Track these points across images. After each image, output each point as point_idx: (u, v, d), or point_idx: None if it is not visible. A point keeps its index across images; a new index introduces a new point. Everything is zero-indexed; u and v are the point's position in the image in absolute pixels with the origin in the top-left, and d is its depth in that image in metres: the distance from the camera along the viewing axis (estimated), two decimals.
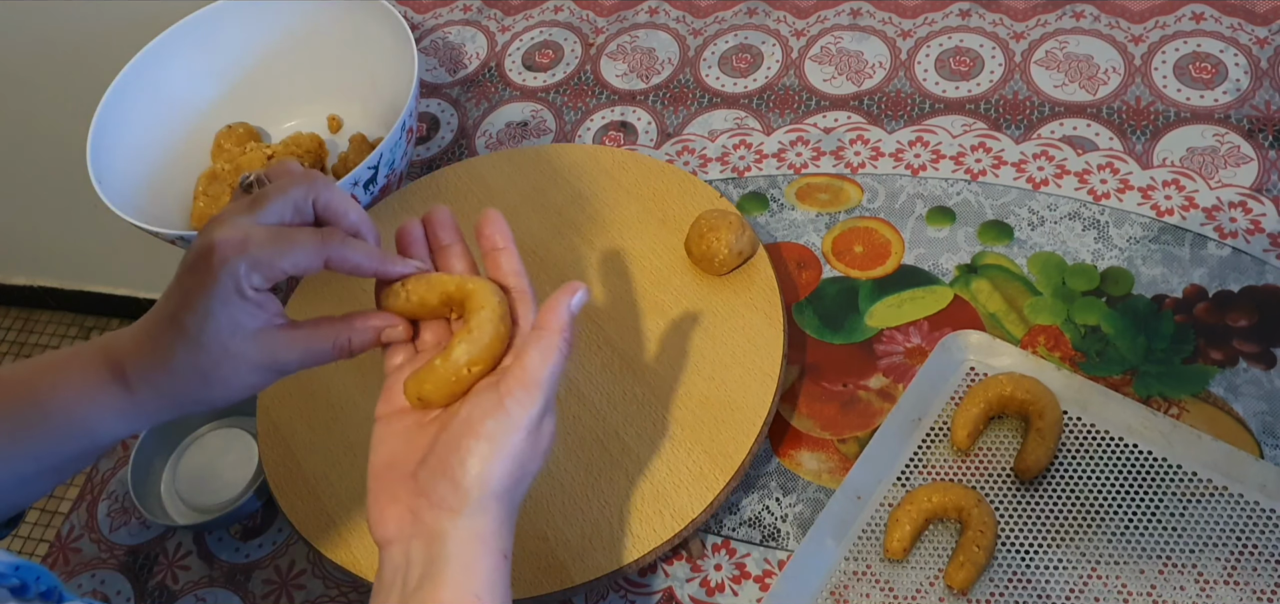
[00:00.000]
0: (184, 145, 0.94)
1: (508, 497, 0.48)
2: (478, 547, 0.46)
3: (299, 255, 0.49)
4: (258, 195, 0.51)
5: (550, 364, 0.48)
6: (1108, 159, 0.81)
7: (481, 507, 0.47)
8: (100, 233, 1.92)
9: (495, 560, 0.47)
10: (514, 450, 0.47)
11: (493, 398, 0.48)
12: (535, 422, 0.48)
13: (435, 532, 0.46)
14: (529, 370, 0.48)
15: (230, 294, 0.48)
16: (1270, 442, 0.66)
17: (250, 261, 0.48)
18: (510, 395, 0.47)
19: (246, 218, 0.49)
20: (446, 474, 0.47)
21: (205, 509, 0.77)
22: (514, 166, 0.86)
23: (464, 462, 0.46)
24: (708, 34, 0.99)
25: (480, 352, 0.49)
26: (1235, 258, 0.74)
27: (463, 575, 0.46)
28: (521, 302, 0.52)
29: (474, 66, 1.04)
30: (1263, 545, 0.61)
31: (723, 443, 0.67)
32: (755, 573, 0.67)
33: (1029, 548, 0.63)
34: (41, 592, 0.45)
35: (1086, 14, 0.91)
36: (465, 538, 0.46)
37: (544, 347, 0.48)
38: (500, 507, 0.47)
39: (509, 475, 0.47)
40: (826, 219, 0.83)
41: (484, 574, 0.46)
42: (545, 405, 0.48)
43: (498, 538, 0.47)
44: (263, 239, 0.48)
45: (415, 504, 0.47)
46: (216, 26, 0.95)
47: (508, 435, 0.47)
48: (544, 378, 0.48)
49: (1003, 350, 0.71)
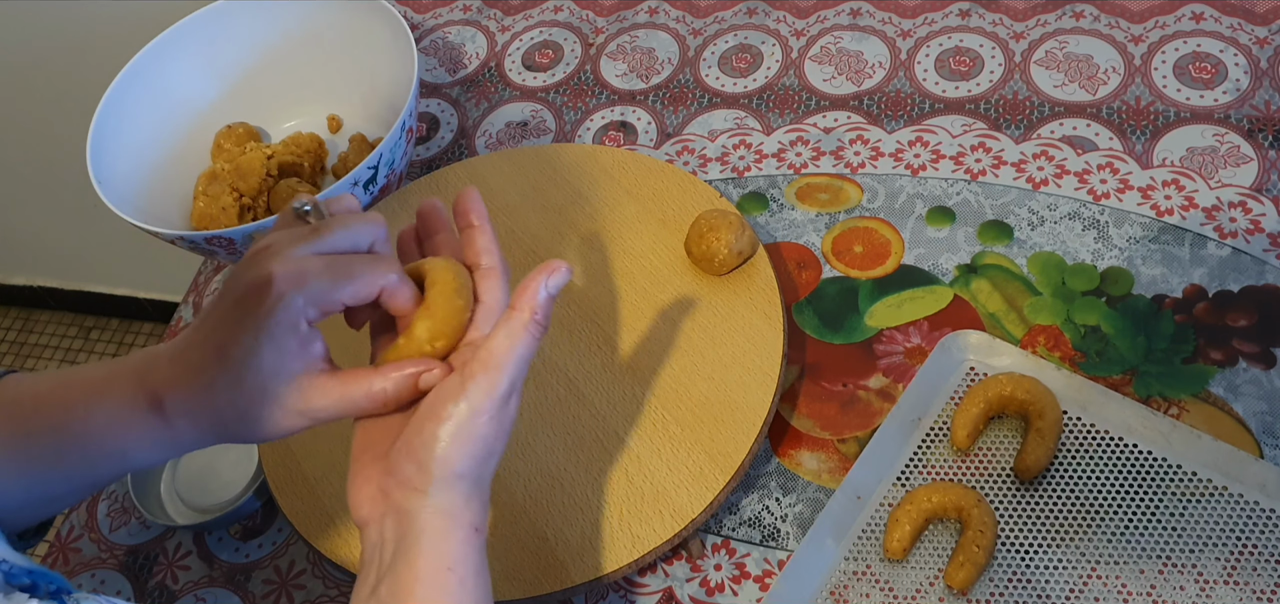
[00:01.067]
0: (184, 145, 0.94)
1: (472, 475, 0.48)
2: (446, 522, 0.47)
3: (358, 286, 0.48)
4: (318, 228, 0.49)
5: (516, 347, 0.48)
6: (1107, 159, 0.81)
7: (446, 485, 0.47)
8: (100, 233, 1.93)
9: (465, 533, 0.48)
10: (476, 432, 0.47)
11: (456, 380, 0.48)
12: (498, 405, 0.48)
13: (404, 510, 0.47)
14: (494, 353, 0.48)
15: (284, 332, 0.46)
16: (1270, 441, 0.66)
17: (308, 296, 0.46)
18: (472, 379, 0.47)
19: (304, 248, 0.48)
20: (412, 455, 0.47)
21: (205, 509, 0.77)
22: (514, 166, 0.86)
23: (428, 444, 0.47)
24: (708, 34, 1.00)
25: (439, 325, 0.49)
26: (1235, 258, 0.74)
27: (434, 550, 0.47)
28: (490, 278, 0.52)
29: (474, 66, 1.04)
30: (1263, 545, 0.61)
31: (723, 443, 0.67)
32: (755, 573, 0.67)
33: (1029, 548, 0.63)
34: (51, 591, 0.45)
35: (1086, 14, 0.91)
36: (433, 515, 0.47)
37: (511, 328, 0.48)
38: (464, 484, 0.48)
39: (472, 456, 0.47)
40: (826, 219, 0.83)
41: (454, 547, 0.47)
42: (510, 387, 0.48)
43: (466, 512, 0.48)
44: (320, 270, 0.47)
45: (385, 484, 0.48)
46: (217, 26, 0.95)
47: (470, 418, 0.47)
48: (507, 361, 0.47)
49: (1003, 350, 0.71)
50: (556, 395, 0.72)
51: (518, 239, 0.81)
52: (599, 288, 0.77)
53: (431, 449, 0.47)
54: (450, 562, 0.47)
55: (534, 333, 0.48)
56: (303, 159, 0.92)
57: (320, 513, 0.69)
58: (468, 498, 0.48)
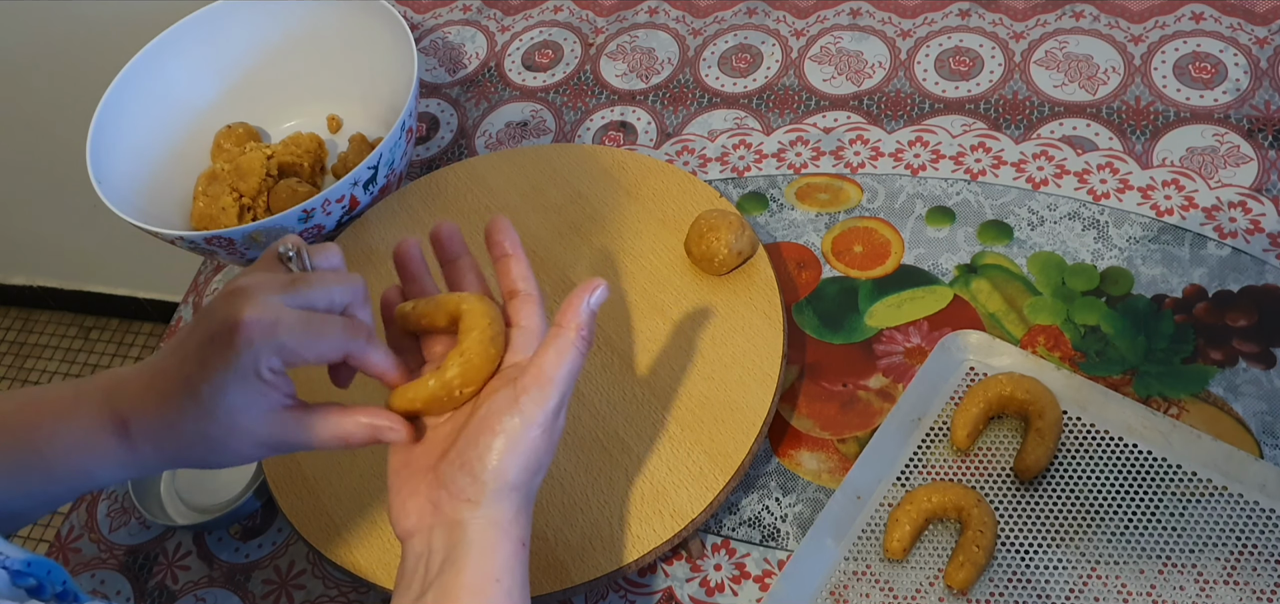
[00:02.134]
0: (184, 145, 0.94)
1: (524, 488, 0.50)
2: (496, 534, 0.48)
3: (324, 347, 0.50)
4: (297, 279, 0.51)
5: (565, 362, 0.50)
6: (1107, 159, 0.81)
7: (499, 497, 0.49)
8: (100, 233, 1.93)
9: (514, 546, 0.49)
10: (529, 445, 0.49)
11: (509, 394, 0.49)
12: (550, 418, 0.49)
13: (455, 521, 0.48)
14: (544, 369, 0.49)
15: (249, 375, 0.48)
16: (1270, 441, 0.66)
17: (275, 348, 0.48)
18: (526, 394, 0.49)
19: (280, 298, 0.49)
20: (465, 468, 0.48)
21: (205, 509, 0.77)
22: (514, 166, 0.86)
23: (482, 457, 0.48)
24: (707, 34, 1.00)
25: (472, 373, 0.51)
26: (1235, 258, 0.74)
27: (482, 560, 0.48)
28: (528, 304, 0.53)
29: (474, 66, 1.04)
30: (1262, 545, 0.61)
31: (722, 443, 0.67)
32: (755, 573, 0.67)
33: (1029, 548, 0.63)
34: (57, 593, 0.46)
35: (1086, 14, 0.91)
36: (484, 526, 0.48)
37: (560, 345, 0.50)
38: (517, 497, 0.49)
39: (525, 468, 0.49)
40: (826, 219, 0.83)
41: (503, 559, 0.48)
42: (560, 402, 0.50)
43: (515, 526, 0.49)
44: (292, 325, 0.48)
45: (435, 496, 0.49)
46: (216, 26, 0.95)
47: (523, 431, 0.49)
48: (558, 376, 0.49)
49: (1002, 350, 0.71)
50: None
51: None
52: None
53: (485, 461, 0.48)
54: (498, 573, 0.48)
55: (580, 348, 0.50)
56: (302, 159, 0.92)
57: (320, 513, 0.69)
58: (518, 511, 0.49)
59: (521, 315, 0.53)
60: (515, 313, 0.53)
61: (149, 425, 0.50)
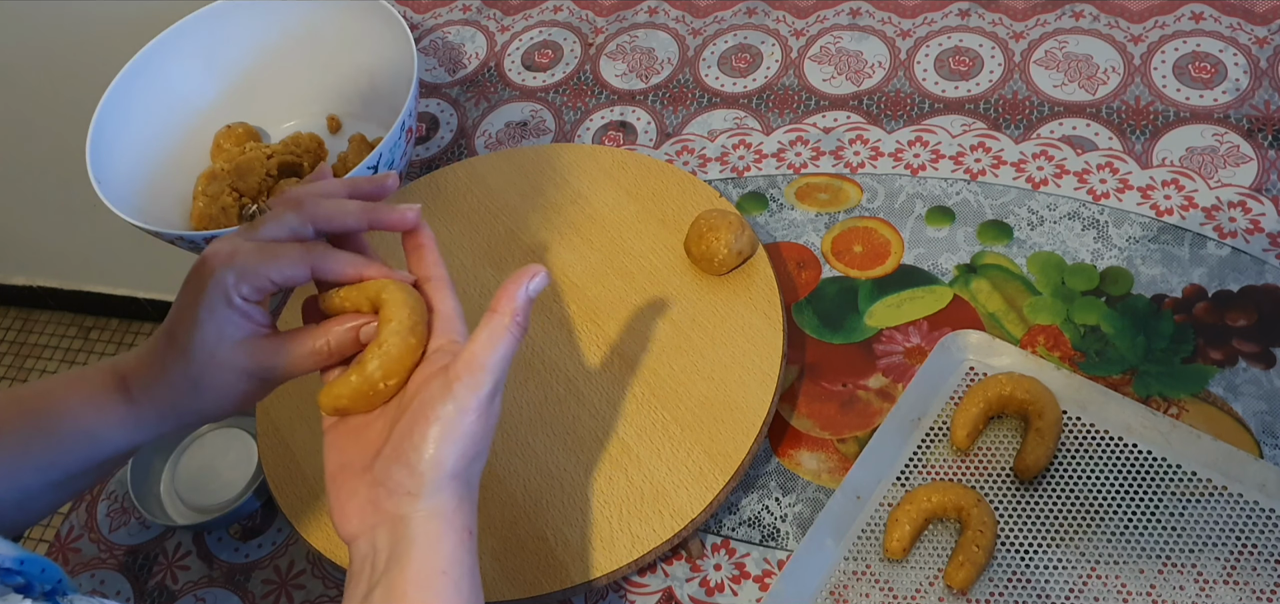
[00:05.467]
0: (184, 145, 0.94)
1: (463, 476, 0.49)
2: (440, 525, 0.48)
3: (284, 265, 0.52)
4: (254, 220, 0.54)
5: (498, 347, 0.49)
6: (1107, 159, 0.81)
7: (438, 487, 0.48)
8: (100, 233, 1.93)
9: (459, 537, 0.48)
10: (465, 431, 0.48)
11: (442, 383, 0.49)
12: (484, 403, 0.49)
13: (397, 517, 0.48)
14: (477, 355, 0.49)
15: (218, 303, 0.51)
16: (1270, 441, 0.66)
17: (237, 271, 0.51)
18: (459, 380, 0.48)
19: (237, 233, 0.53)
20: (402, 461, 0.48)
21: (205, 509, 0.77)
22: (513, 166, 0.86)
23: (418, 447, 0.48)
24: (707, 34, 1.00)
25: (392, 365, 0.50)
26: (1235, 257, 0.74)
27: (428, 553, 0.47)
28: (441, 287, 0.54)
29: (473, 66, 1.04)
30: (1262, 545, 0.61)
31: (722, 443, 0.67)
32: (755, 573, 0.67)
33: (1028, 548, 0.63)
34: (46, 591, 0.46)
35: (1086, 14, 0.91)
36: (427, 519, 0.48)
37: (493, 330, 0.49)
38: (457, 486, 0.49)
39: (462, 456, 0.48)
40: (826, 219, 0.83)
41: (449, 550, 0.48)
42: (494, 387, 0.49)
43: (459, 515, 0.49)
44: (250, 251, 0.51)
45: (374, 494, 0.49)
46: (216, 26, 0.95)
47: (458, 418, 0.48)
48: (490, 362, 0.49)
49: (1002, 350, 0.71)
50: (556, 395, 0.72)
51: (517, 239, 0.81)
52: (599, 288, 0.77)
53: (422, 452, 0.48)
54: (444, 564, 0.48)
55: (515, 334, 0.50)
56: (302, 159, 0.92)
57: (320, 513, 0.69)
58: (460, 500, 0.49)
59: (437, 299, 0.53)
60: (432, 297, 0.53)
61: (144, 381, 0.53)
